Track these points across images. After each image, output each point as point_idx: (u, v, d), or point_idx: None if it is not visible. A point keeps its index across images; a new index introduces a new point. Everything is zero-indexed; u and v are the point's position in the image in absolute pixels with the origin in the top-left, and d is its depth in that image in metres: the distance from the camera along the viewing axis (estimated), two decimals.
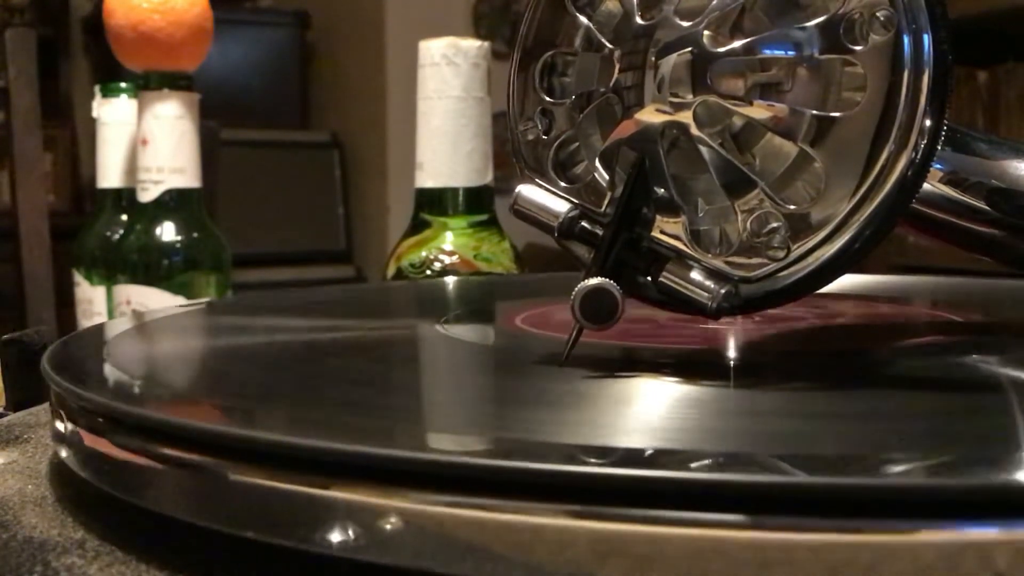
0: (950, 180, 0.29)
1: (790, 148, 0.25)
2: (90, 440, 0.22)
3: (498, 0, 2.37)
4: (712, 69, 0.25)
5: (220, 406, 0.23)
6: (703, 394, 0.24)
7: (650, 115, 0.26)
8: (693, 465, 0.17)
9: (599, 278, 0.25)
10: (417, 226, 0.58)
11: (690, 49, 0.25)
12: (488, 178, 0.58)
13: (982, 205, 0.29)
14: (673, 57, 0.26)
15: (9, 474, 0.25)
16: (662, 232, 0.26)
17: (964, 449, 0.19)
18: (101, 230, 0.76)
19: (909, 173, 0.24)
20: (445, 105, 0.57)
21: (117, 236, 0.72)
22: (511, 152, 0.29)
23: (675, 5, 0.26)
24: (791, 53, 0.25)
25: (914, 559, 0.15)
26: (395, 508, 0.17)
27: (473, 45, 0.57)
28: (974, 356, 0.29)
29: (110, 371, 0.27)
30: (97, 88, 0.76)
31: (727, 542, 0.15)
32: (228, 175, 1.35)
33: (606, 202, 0.27)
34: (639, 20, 0.26)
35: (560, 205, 0.28)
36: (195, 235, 0.65)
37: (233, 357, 0.31)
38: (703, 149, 0.26)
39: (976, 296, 0.46)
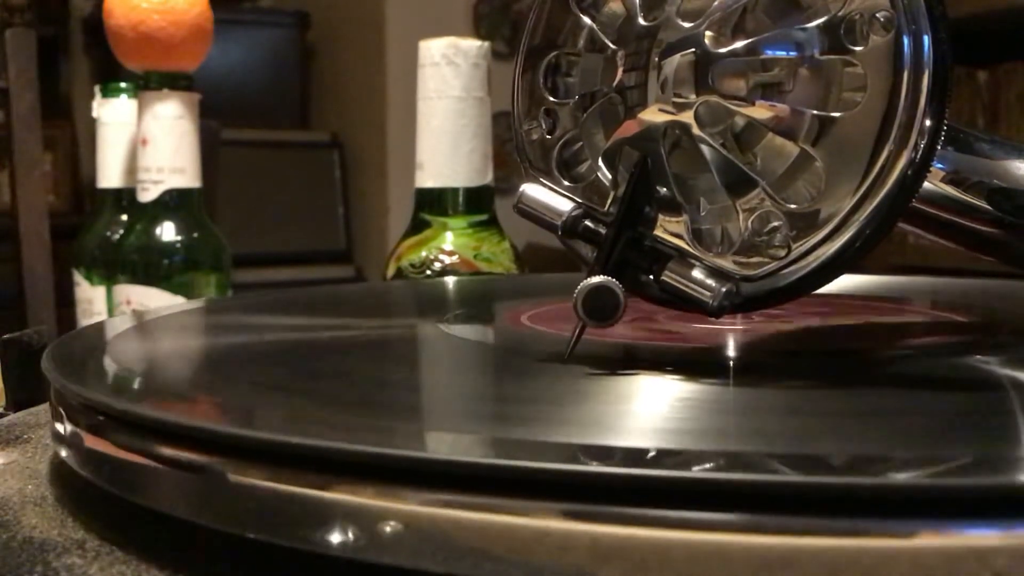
0: (952, 179, 0.29)
1: (791, 148, 0.25)
2: (90, 439, 0.22)
3: (498, 0, 2.37)
4: (714, 69, 0.25)
5: (220, 405, 0.23)
6: (704, 393, 0.24)
7: (653, 115, 0.26)
8: (694, 465, 0.17)
9: (602, 276, 0.25)
10: (417, 226, 0.58)
11: (693, 50, 0.25)
12: (488, 178, 0.58)
13: (983, 204, 0.29)
14: (676, 57, 0.26)
15: (9, 474, 0.25)
16: (664, 231, 0.26)
17: (964, 449, 0.19)
18: (101, 230, 0.76)
19: (909, 172, 0.24)
20: (445, 105, 0.57)
21: (117, 236, 0.72)
22: (515, 151, 0.29)
23: (677, 6, 0.26)
24: (792, 54, 0.25)
25: (914, 560, 0.15)
26: (395, 508, 0.17)
27: (473, 45, 0.57)
28: (974, 356, 0.29)
29: (110, 370, 0.27)
30: (97, 88, 0.76)
31: (727, 543, 0.15)
32: (228, 175, 1.35)
33: (609, 201, 0.27)
34: (642, 21, 0.27)
35: (564, 204, 0.28)
36: (195, 235, 0.65)
37: (233, 357, 0.31)
38: (705, 149, 0.26)
39: (976, 296, 0.46)
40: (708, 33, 0.25)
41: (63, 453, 0.23)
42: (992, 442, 0.19)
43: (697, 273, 0.26)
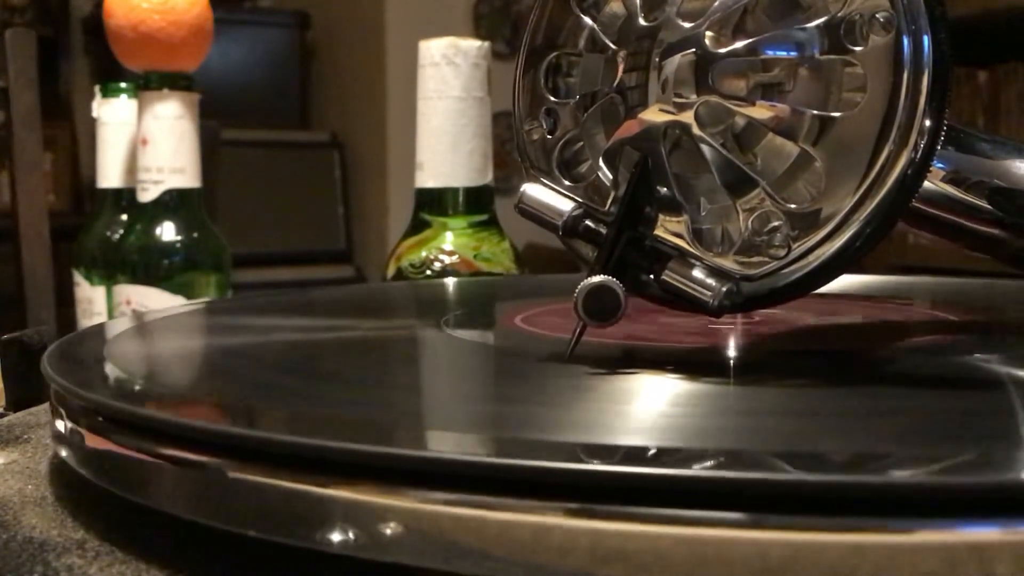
0: (952, 179, 0.29)
1: (791, 148, 0.25)
2: (90, 439, 0.22)
3: (498, 0, 2.37)
4: (714, 70, 0.25)
5: (220, 405, 0.23)
6: (704, 392, 0.24)
7: (653, 115, 0.26)
8: (694, 464, 0.17)
9: (602, 276, 0.25)
10: (417, 226, 0.58)
11: (693, 50, 0.25)
12: (488, 178, 0.58)
13: (984, 204, 0.29)
14: (677, 58, 0.26)
15: (9, 474, 0.25)
16: (665, 231, 0.26)
17: (964, 449, 0.19)
18: (101, 230, 0.76)
19: (909, 172, 0.24)
20: (445, 105, 0.57)
21: (117, 236, 0.72)
22: (516, 151, 0.29)
23: (677, 6, 0.26)
24: (792, 54, 0.25)
25: (914, 560, 0.15)
26: (395, 507, 0.17)
27: (473, 45, 0.57)
28: (974, 356, 0.29)
29: (110, 370, 0.27)
30: (97, 88, 0.76)
31: (728, 542, 0.15)
32: (228, 175, 1.35)
33: (610, 201, 0.28)
34: (642, 21, 0.27)
35: (564, 204, 0.28)
36: (195, 235, 0.65)
37: (233, 356, 0.31)
38: (705, 149, 0.26)
39: (976, 296, 0.46)
40: (708, 33, 0.25)
41: (63, 453, 0.23)
42: (992, 442, 0.19)
43: (697, 273, 0.26)
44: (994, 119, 1.56)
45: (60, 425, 0.24)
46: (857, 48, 0.24)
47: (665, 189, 0.27)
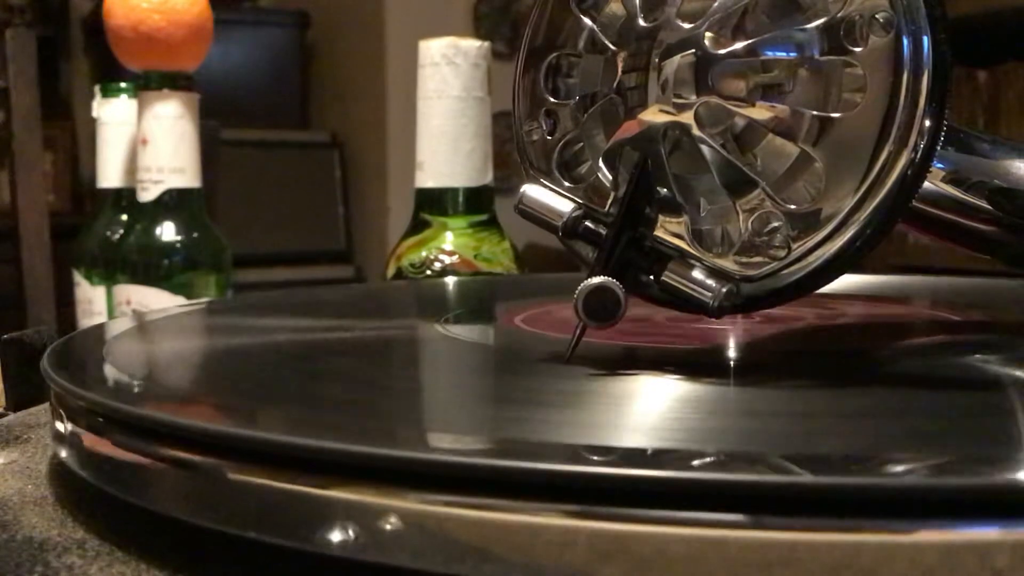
0: (952, 179, 0.29)
1: (791, 148, 0.25)
2: (90, 440, 0.22)
3: (498, 0, 2.37)
4: (714, 70, 0.25)
5: (220, 406, 0.23)
6: (704, 393, 0.24)
7: (653, 115, 0.26)
8: (694, 464, 0.17)
9: (602, 277, 0.25)
10: (417, 226, 0.59)
11: (693, 51, 0.25)
12: (488, 178, 0.58)
13: (984, 204, 0.29)
14: (677, 58, 0.26)
15: (9, 474, 0.25)
16: (665, 231, 0.26)
17: (964, 449, 0.19)
18: (101, 230, 0.76)
19: (909, 173, 0.24)
20: (445, 105, 0.57)
21: (117, 236, 0.72)
22: (516, 152, 0.29)
23: (677, 7, 0.26)
24: (792, 55, 0.25)
25: (914, 559, 0.15)
26: (395, 508, 0.17)
27: (473, 45, 0.57)
28: (974, 356, 0.29)
29: (110, 371, 0.27)
30: (97, 88, 0.76)
31: (728, 542, 0.15)
32: (228, 175, 1.35)
33: (609, 202, 0.28)
34: (642, 22, 0.27)
35: (564, 205, 0.28)
36: (195, 235, 0.65)
37: (233, 357, 0.31)
38: (705, 149, 0.26)
39: (976, 296, 0.46)
40: (708, 34, 0.25)
41: (63, 453, 0.23)
42: (992, 442, 0.19)
43: (697, 273, 0.26)
44: (994, 119, 1.56)
45: (60, 425, 0.24)
46: (857, 49, 0.24)
47: (665, 190, 0.27)
